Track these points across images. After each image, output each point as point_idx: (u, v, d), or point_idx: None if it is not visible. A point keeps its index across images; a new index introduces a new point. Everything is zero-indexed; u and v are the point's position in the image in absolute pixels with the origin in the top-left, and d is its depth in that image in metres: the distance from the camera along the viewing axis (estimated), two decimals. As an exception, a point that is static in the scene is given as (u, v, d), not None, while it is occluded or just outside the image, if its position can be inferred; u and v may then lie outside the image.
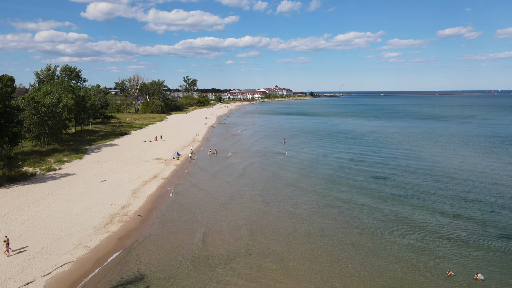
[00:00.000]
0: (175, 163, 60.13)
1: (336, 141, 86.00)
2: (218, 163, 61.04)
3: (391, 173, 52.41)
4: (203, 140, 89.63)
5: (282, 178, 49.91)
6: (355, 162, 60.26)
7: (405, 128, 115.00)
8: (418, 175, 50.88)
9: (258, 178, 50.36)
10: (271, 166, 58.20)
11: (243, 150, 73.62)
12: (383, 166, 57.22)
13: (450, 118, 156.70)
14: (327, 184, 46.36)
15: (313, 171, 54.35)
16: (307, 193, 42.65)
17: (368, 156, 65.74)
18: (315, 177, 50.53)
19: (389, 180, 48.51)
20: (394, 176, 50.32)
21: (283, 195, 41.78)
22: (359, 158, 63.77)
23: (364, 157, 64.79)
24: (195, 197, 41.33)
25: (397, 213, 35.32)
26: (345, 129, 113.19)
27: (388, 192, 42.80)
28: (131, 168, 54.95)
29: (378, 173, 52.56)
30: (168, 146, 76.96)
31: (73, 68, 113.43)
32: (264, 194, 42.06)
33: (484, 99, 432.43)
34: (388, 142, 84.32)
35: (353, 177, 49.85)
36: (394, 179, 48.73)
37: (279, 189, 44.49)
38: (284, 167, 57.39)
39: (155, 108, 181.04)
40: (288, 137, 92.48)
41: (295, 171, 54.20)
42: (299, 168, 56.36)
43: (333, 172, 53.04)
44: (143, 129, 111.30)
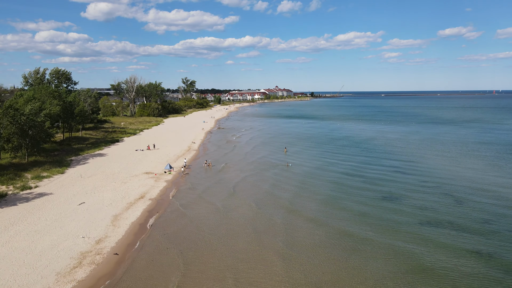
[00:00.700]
0: (166, 178, 54.66)
1: (340, 149, 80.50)
2: (211, 177, 55.59)
3: (403, 194, 46.90)
4: (199, 148, 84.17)
5: (277, 200, 44.31)
6: (363, 178, 54.74)
7: (411, 134, 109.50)
8: (436, 197, 45.41)
9: (250, 199, 44.54)
10: (267, 182, 52.70)
11: (240, 161, 68.18)
12: (392, 183, 51.68)
13: (456, 122, 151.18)
14: (329, 209, 40.64)
15: (315, 189, 48.84)
16: (306, 222, 36.78)
17: (376, 169, 60.24)
18: (316, 198, 44.99)
19: (404, 203, 43.04)
20: (408, 199, 44.84)
21: (276, 227, 35.84)
22: (367, 172, 58.28)
23: (372, 171, 59.29)
24: (178, 227, 35.72)
25: (420, 259, 29.77)
26: (349, 135, 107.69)
27: (405, 221, 37.34)
28: (117, 185, 49.50)
29: (387, 192, 47.06)
30: (161, 156, 71.52)
31: (63, 71, 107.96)
32: (253, 225, 36.13)
33: (487, 100, 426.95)
34: (396, 151, 78.82)
35: (362, 199, 44.26)
36: (409, 202, 43.26)
37: (272, 217, 38.41)
38: (280, 183, 51.89)
39: (151, 111, 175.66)
40: (289, 145, 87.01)
41: (292, 189, 48.56)
42: (297, 185, 50.78)
43: (336, 192, 47.32)
44: (137, 135, 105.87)
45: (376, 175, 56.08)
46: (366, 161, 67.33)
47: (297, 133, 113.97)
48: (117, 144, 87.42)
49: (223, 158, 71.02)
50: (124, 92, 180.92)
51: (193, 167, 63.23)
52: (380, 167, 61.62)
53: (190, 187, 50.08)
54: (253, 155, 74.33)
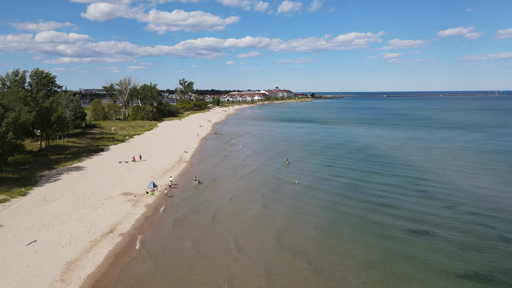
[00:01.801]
0: (147, 201, 45.93)
1: (353, 164, 71.70)
2: (197, 199, 46.86)
3: (432, 230, 38.23)
4: (192, 159, 75.38)
5: (282, 250, 35.66)
6: (380, 204, 46.09)
7: (426, 142, 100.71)
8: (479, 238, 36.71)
9: (230, 237, 36.12)
10: (262, 206, 43.98)
11: (234, 176, 59.48)
12: (417, 213, 43.07)
13: (469, 126, 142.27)
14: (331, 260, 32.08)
15: (332, 228, 40.13)
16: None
17: (400, 194, 51.56)
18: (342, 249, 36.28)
19: (436, 241, 34.35)
20: (451, 241, 36.17)
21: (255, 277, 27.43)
22: (390, 199, 49.61)
23: (395, 196, 50.62)
24: (143, 281, 27.13)
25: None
26: (359, 145, 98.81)
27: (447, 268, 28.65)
28: (85, 213, 40.78)
29: (412, 225, 38.41)
30: (146, 171, 62.82)
31: (46, 73, 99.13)
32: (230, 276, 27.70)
33: (493, 101, 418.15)
34: (416, 165, 70.10)
35: (386, 241, 35.60)
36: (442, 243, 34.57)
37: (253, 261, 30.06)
38: (288, 210, 43.19)
39: (145, 115, 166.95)
40: (291, 154, 78.26)
41: (307, 229, 39.91)
42: (309, 221, 42.07)
43: (342, 228, 38.78)
44: (125, 143, 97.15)
45: (400, 202, 47.37)
46: (385, 181, 58.61)
47: (299, 140, 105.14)
48: (100, 154, 78.68)
49: (216, 172, 62.31)
50: (116, 94, 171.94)
51: (180, 185, 54.46)
52: (403, 191, 52.87)
53: (173, 214, 41.34)
54: (250, 168, 65.58)
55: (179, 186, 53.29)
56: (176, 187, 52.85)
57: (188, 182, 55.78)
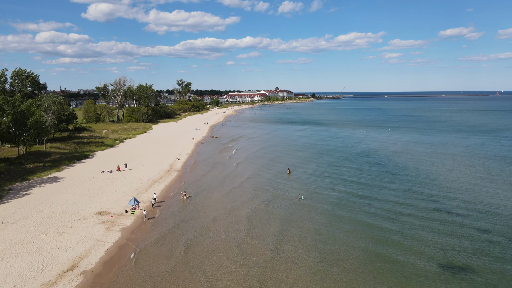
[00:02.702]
0: (124, 223, 38.98)
1: (363, 173, 64.77)
2: (180, 222, 39.93)
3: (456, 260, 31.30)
4: (183, 167, 68.42)
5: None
6: (401, 235, 39.20)
7: (436, 147, 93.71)
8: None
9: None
10: (258, 232, 37.06)
11: (230, 189, 52.54)
12: (439, 234, 36.18)
13: (479, 130, 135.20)
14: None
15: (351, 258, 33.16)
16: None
17: (411, 205, 44.69)
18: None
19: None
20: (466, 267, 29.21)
21: None
22: (399, 216, 42.74)
23: (412, 213, 43.74)
24: None
25: None
26: (366, 149, 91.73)
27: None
28: (46, 240, 33.85)
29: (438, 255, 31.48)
30: (130, 182, 55.90)
31: (28, 73, 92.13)
32: None
33: (496, 102, 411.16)
34: (430, 173, 63.20)
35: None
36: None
37: None
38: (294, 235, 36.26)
39: (140, 117, 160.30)
40: (293, 162, 71.33)
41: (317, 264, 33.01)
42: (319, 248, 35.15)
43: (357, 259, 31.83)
44: (114, 148, 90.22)
45: (428, 233, 40.45)
46: (402, 200, 51.67)
47: (301, 145, 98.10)
48: (84, 162, 71.74)
49: (209, 184, 55.33)
50: (109, 95, 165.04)
51: (166, 201, 47.45)
52: (425, 213, 45.93)
53: (144, 241, 34.34)
54: (248, 179, 58.61)
55: (164, 203, 46.23)
56: (161, 205, 45.71)
57: (175, 197, 48.83)
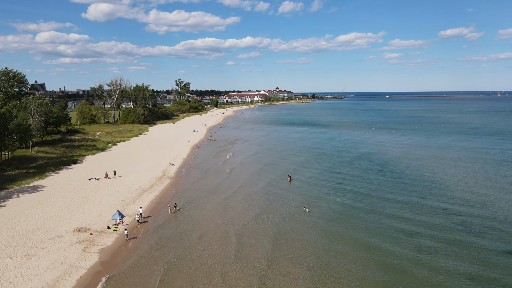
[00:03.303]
0: (105, 243, 34.32)
1: (365, 177, 60.15)
2: (165, 242, 35.27)
3: None
4: (177, 174, 63.76)
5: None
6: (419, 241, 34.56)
7: (443, 151, 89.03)
8: None
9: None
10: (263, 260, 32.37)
11: (226, 200, 47.90)
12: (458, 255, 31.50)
13: (489, 132, 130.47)
14: None
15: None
16: None
17: (426, 223, 40.04)
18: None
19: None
20: None
21: None
22: (416, 236, 38.09)
23: (425, 224, 39.12)
24: None
25: None
26: (370, 152, 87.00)
27: None
28: (11, 265, 29.23)
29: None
30: (118, 192, 51.25)
31: (14, 73, 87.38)
32: None
33: (500, 102, 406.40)
34: (441, 182, 58.57)
35: None
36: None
37: None
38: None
39: (136, 118, 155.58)
40: (294, 167, 66.70)
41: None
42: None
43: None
44: (106, 152, 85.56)
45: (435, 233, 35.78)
46: (410, 207, 47.04)
47: (302, 148, 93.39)
48: (71, 168, 67.10)
49: (204, 193, 50.66)
50: (105, 96, 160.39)
51: (155, 215, 42.77)
52: (433, 222, 41.27)
53: (119, 268, 29.68)
54: (246, 186, 53.95)
55: (151, 219, 41.48)
56: (147, 220, 40.99)
57: (165, 210, 44.17)
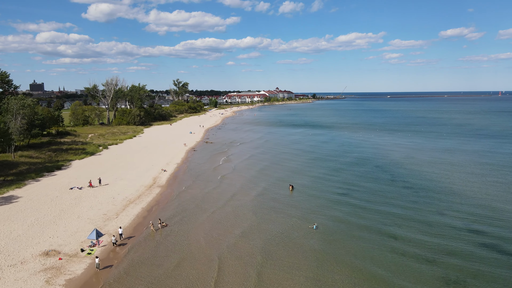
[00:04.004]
0: (73, 271, 28.92)
1: (377, 187, 54.82)
2: (144, 272, 29.87)
3: None
4: (168, 182, 58.37)
5: None
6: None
7: (459, 156, 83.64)
8: None
9: None
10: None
11: (222, 213, 42.50)
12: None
13: (502, 135, 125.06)
14: None
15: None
16: None
17: (456, 250, 34.68)
18: None
19: None
20: None
21: None
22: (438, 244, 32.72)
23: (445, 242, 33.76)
24: None
25: None
26: (378, 156, 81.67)
27: None
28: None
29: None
30: (100, 203, 45.88)
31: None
32: None
33: (502, 103, 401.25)
34: (463, 195, 53.24)
35: None
36: None
37: None
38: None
39: (131, 119, 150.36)
40: (296, 173, 61.35)
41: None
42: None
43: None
44: (96, 156, 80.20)
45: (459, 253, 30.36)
46: (430, 227, 41.67)
47: (304, 152, 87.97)
48: (54, 175, 61.76)
49: (197, 205, 45.27)
50: (99, 96, 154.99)
51: (138, 234, 37.35)
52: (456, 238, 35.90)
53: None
54: (243, 196, 48.56)
55: (132, 240, 35.97)
56: (127, 242, 35.43)
57: (154, 227, 38.79)
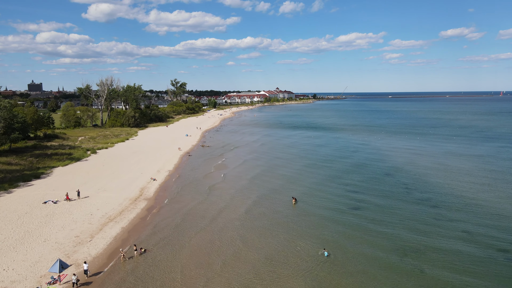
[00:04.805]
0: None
1: (392, 201, 48.75)
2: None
3: None
4: (156, 194, 52.27)
5: None
6: None
7: (477, 162, 77.59)
8: None
9: None
10: None
11: (216, 235, 36.41)
12: None
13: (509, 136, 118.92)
14: None
15: None
16: None
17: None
18: None
19: None
20: None
21: None
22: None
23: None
24: None
25: None
26: (389, 163, 75.67)
27: None
28: None
29: None
30: (74, 222, 39.83)
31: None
32: None
33: (506, 103, 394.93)
34: (494, 214, 47.19)
35: None
36: None
37: None
38: None
39: (126, 120, 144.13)
40: (298, 184, 55.30)
41: None
42: None
43: None
44: (81, 162, 74.13)
45: None
46: (459, 257, 35.56)
47: (307, 157, 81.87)
48: (31, 185, 55.69)
49: (185, 224, 39.19)
50: (92, 97, 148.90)
51: (112, 267, 31.23)
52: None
53: None
54: (227, 210, 42.47)
55: (101, 276, 29.80)
56: (92, 281, 29.16)
57: (128, 254, 32.70)
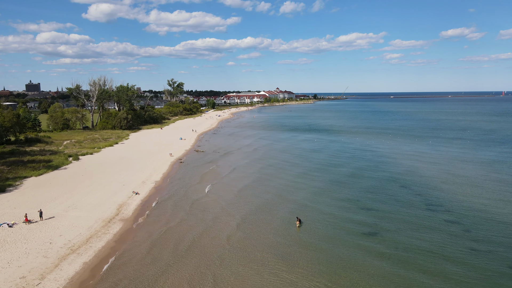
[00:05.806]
0: None
1: (410, 219, 40.91)
2: None
3: None
4: (135, 213, 44.36)
5: None
6: None
7: (497, 169, 69.83)
8: None
9: None
10: None
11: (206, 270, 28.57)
12: None
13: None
14: None
15: None
16: None
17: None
18: None
19: None
20: None
21: None
22: None
23: None
24: None
25: None
26: (402, 171, 67.86)
27: None
28: None
29: None
30: (26, 254, 32.01)
31: None
32: None
33: (510, 103, 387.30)
34: None
35: None
36: None
37: None
38: None
39: (118, 122, 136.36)
40: (302, 198, 47.47)
41: None
42: None
43: None
44: (60, 170, 66.31)
45: None
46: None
47: (309, 165, 73.96)
48: (-9, 200, 47.76)
49: (165, 251, 31.35)
50: (82, 98, 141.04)
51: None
52: None
53: None
54: (235, 241, 34.63)
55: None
56: None
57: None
